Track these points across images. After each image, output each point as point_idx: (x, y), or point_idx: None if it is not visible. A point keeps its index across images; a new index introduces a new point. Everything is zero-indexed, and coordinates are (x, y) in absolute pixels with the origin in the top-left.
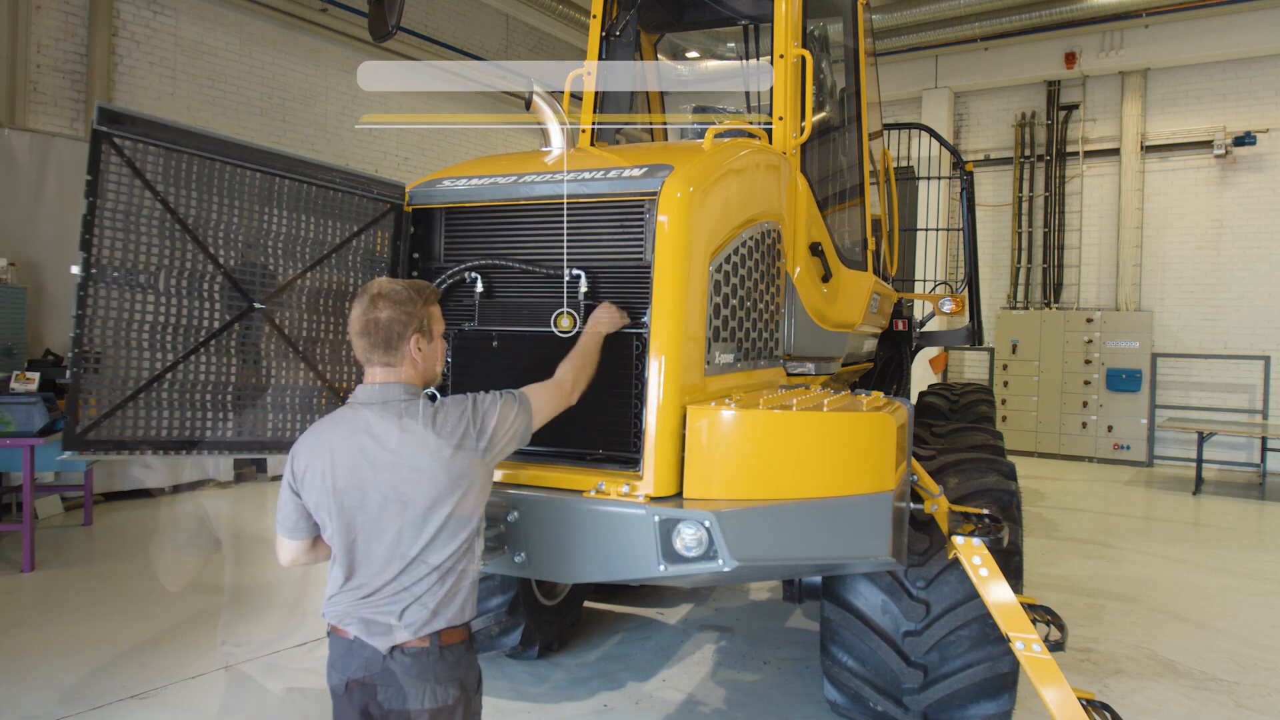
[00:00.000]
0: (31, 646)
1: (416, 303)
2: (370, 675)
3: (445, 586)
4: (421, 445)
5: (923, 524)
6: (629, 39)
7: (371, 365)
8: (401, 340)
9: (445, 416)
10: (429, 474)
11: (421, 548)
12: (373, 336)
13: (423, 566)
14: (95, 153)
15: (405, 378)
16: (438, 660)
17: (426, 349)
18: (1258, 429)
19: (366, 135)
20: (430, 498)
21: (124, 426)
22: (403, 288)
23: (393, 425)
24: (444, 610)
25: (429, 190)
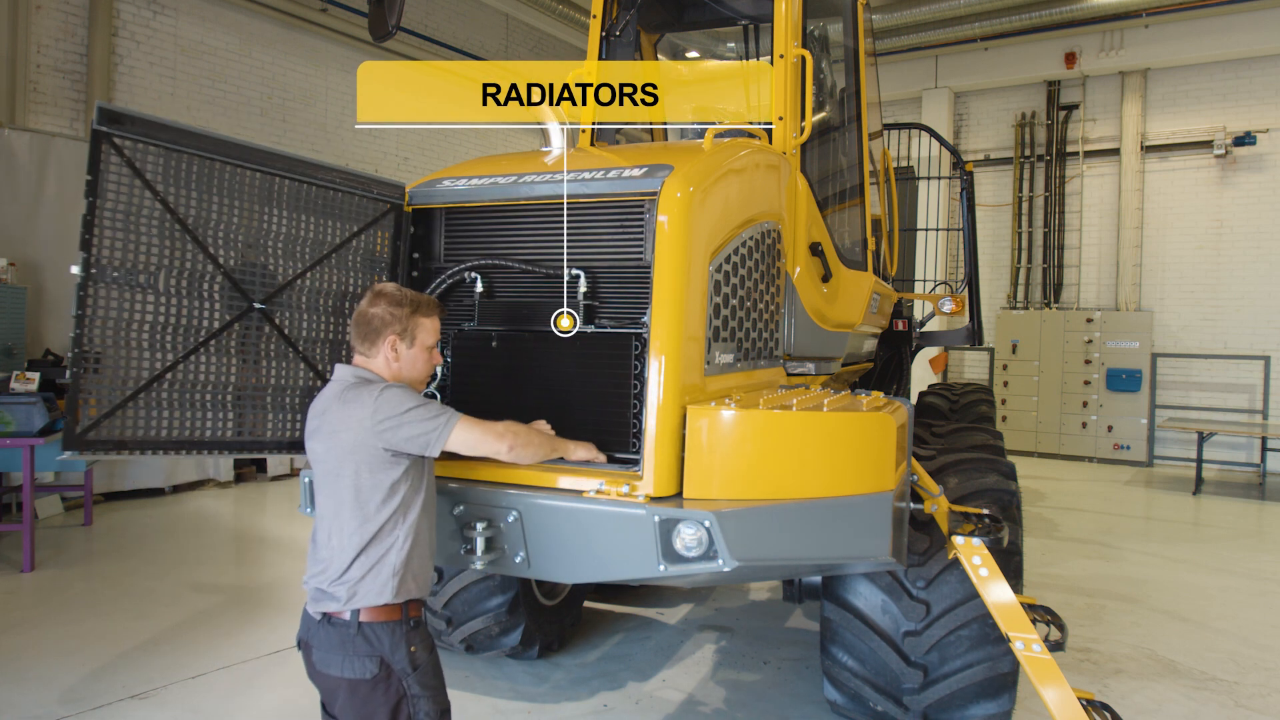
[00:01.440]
0: (31, 646)
1: (405, 307)
2: (310, 635)
3: (365, 564)
4: (337, 415)
5: (923, 524)
6: (629, 39)
7: (355, 354)
8: (379, 336)
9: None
10: (335, 443)
11: (338, 518)
12: (360, 327)
13: (341, 539)
14: (95, 153)
15: (374, 369)
16: (355, 634)
17: (404, 353)
18: (1258, 429)
19: (366, 135)
20: (337, 466)
21: (124, 426)
22: (400, 292)
23: (332, 396)
24: (363, 588)
25: (429, 190)
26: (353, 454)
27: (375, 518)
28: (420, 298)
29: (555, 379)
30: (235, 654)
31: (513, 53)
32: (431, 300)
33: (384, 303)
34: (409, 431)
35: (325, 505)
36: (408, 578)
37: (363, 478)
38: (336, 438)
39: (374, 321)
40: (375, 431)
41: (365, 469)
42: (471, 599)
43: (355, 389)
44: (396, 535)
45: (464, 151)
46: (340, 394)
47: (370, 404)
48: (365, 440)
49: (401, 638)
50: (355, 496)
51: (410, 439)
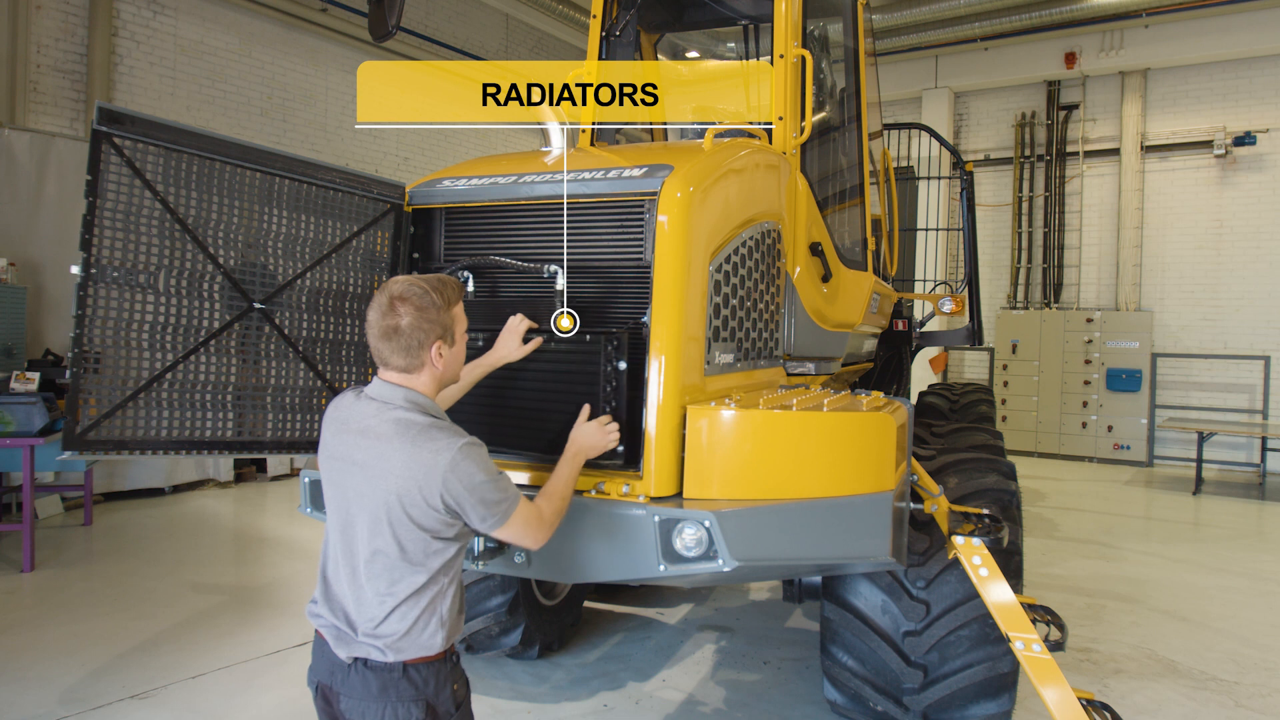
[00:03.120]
0: (31, 646)
1: (440, 308)
2: (335, 682)
3: (412, 614)
4: (394, 460)
5: (923, 524)
6: (629, 39)
7: (388, 369)
8: (423, 349)
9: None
10: (392, 491)
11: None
12: (391, 342)
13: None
14: (95, 153)
15: (420, 385)
16: (400, 678)
17: (448, 354)
18: (1258, 429)
19: (366, 135)
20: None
21: (124, 426)
22: (425, 290)
23: (380, 429)
24: (409, 641)
25: (429, 190)
26: (403, 502)
27: (422, 568)
28: (443, 286)
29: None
30: (235, 654)
31: (513, 53)
32: (454, 282)
33: (411, 310)
34: (481, 503)
35: (348, 541)
36: (449, 622)
37: (407, 529)
38: (384, 478)
39: (410, 334)
40: (444, 490)
41: (413, 521)
42: (471, 599)
43: (419, 428)
44: (442, 583)
45: (464, 151)
46: (397, 428)
47: (448, 455)
48: (426, 493)
49: (446, 677)
50: (397, 545)
51: (477, 509)
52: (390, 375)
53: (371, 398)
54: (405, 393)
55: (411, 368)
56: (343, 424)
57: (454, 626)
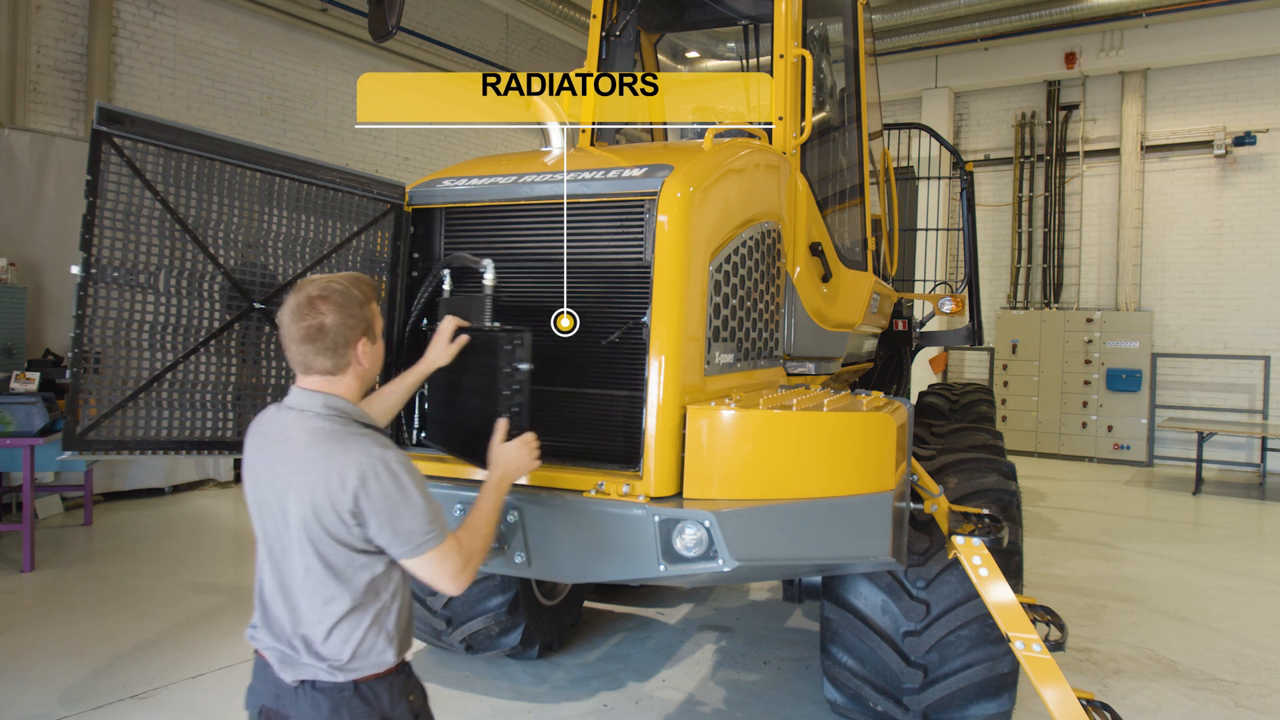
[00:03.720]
0: (31, 646)
1: (362, 303)
2: (282, 704)
3: (348, 633)
4: (313, 471)
5: (923, 524)
6: (629, 39)
7: (310, 373)
8: (349, 347)
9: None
10: (313, 504)
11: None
12: (317, 343)
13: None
14: (95, 153)
15: (343, 389)
16: (353, 696)
17: (372, 351)
18: (1258, 429)
19: (366, 135)
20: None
21: (124, 426)
22: (344, 287)
23: (299, 440)
24: (356, 661)
25: (429, 190)
26: (320, 518)
27: (354, 584)
28: (364, 284)
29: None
30: (235, 654)
31: (513, 53)
32: (367, 279)
33: (333, 308)
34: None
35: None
36: (398, 636)
37: (330, 545)
38: (303, 492)
39: (335, 333)
40: (355, 506)
41: (332, 537)
42: (471, 599)
43: (338, 437)
44: (383, 599)
45: (464, 151)
46: (315, 438)
47: (363, 468)
48: (339, 508)
49: (401, 690)
50: (323, 563)
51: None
52: (311, 381)
53: (290, 407)
54: (324, 398)
55: (337, 369)
56: (264, 438)
57: (404, 639)
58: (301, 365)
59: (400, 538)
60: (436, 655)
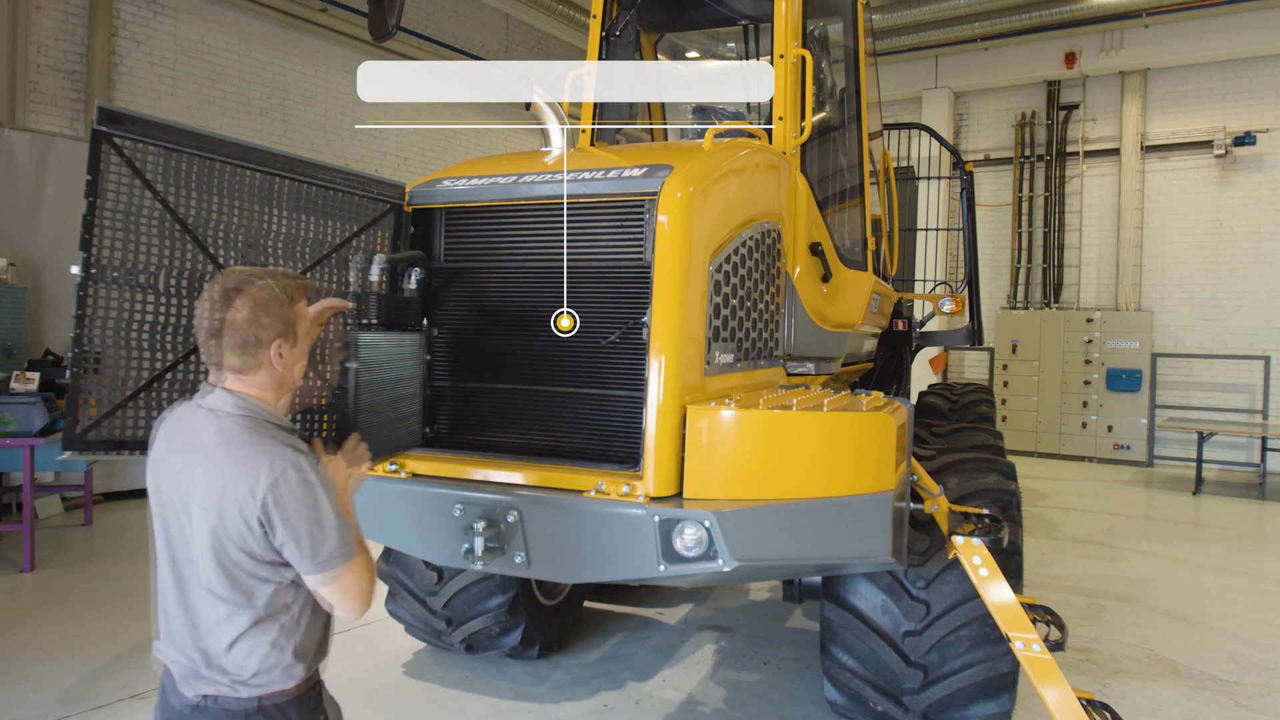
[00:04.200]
0: (31, 646)
1: (282, 302)
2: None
3: (251, 648)
4: (216, 473)
5: (923, 524)
6: (629, 39)
7: (220, 370)
8: (260, 347)
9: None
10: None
11: (219, 590)
12: (228, 338)
13: (216, 616)
14: (95, 153)
15: (255, 388)
16: (255, 713)
17: (289, 354)
18: (1258, 429)
19: (366, 135)
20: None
21: (124, 426)
22: (267, 283)
23: (205, 440)
24: (260, 677)
25: (429, 190)
26: (225, 524)
27: (258, 595)
28: (288, 279)
29: None
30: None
31: (513, 53)
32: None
33: (248, 303)
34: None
35: (185, 567)
36: (310, 652)
37: (235, 554)
38: (209, 496)
39: (247, 330)
40: (263, 513)
41: (236, 545)
42: (471, 599)
43: (250, 439)
44: (291, 613)
45: (464, 152)
46: (225, 440)
47: (266, 480)
48: (246, 514)
49: (310, 712)
50: (224, 572)
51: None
52: (223, 379)
53: (201, 406)
54: (237, 398)
55: (247, 368)
56: (173, 436)
57: (314, 658)
58: (211, 360)
59: (304, 553)
60: (436, 655)
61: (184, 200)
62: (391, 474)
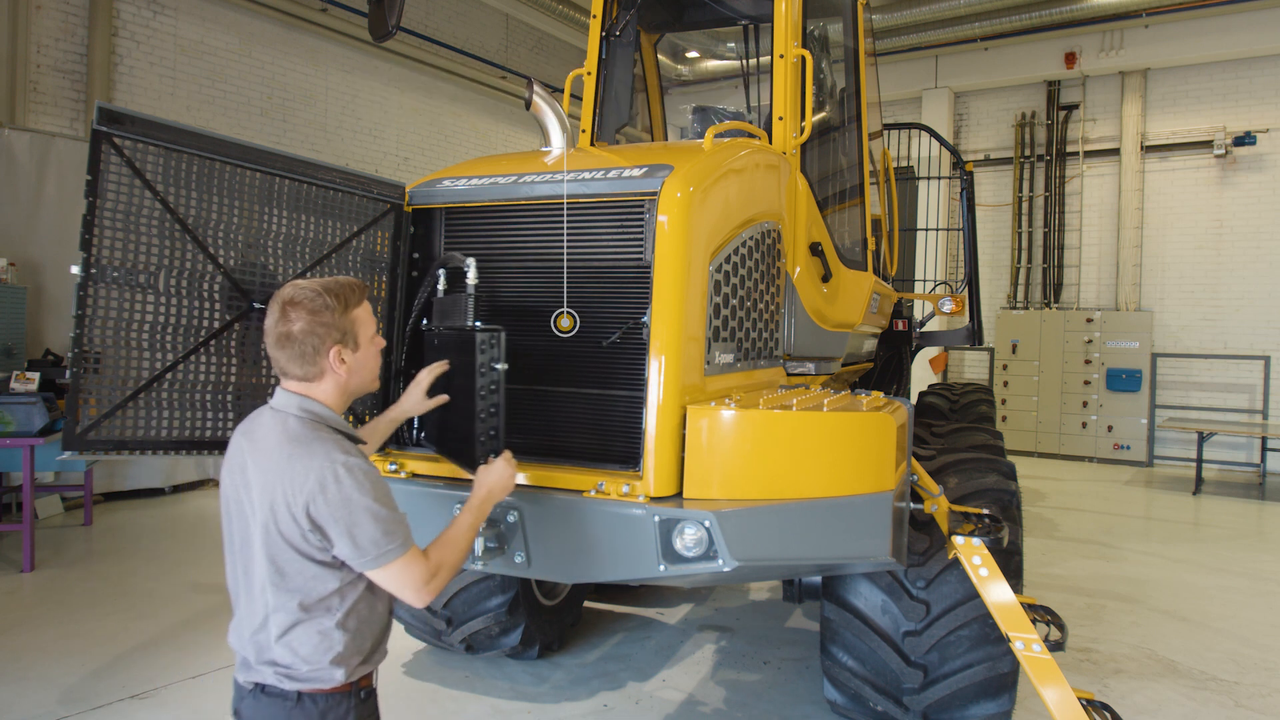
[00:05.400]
0: (31, 646)
1: (335, 310)
2: (242, 705)
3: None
4: (275, 472)
5: (923, 524)
6: (629, 39)
7: (287, 378)
8: (319, 355)
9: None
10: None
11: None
12: (288, 350)
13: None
14: (95, 153)
15: (321, 394)
16: (294, 707)
17: (351, 359)
18: (1258, 429)
19: (366, 135)
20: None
21: (124, 426)
22: (319, 292)
23: (270, 440)
24: (303, 674)
25: (429, 190)
26: (276, 520)
27: (303, 594)
28: (341, 287)
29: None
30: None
31: (513, 53)
32: (354, 283)
33: (304, 314)
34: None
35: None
36: (353, 660)
37: (285, 551)
38: (265, 491)
39: (302, 340)
40: (311, 511)
41: (287, 542)
42: (471, 599)
43: (305, 439)
44: (336, 616)
45: (464, 152)
46: (284, 438)
47: (323, 473)
48: (295, 511)
49: (349, 711)
50: (274, 568)
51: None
52: (291, 385)
53: (272, 408)
54: (301, 400)
55: (310, 376)
56: (244, 435)
57: (360, 664)
58: (280, 370)
59: (359, 549)
60: (436, 655)
61: (184, 200)
62: (392, 474)
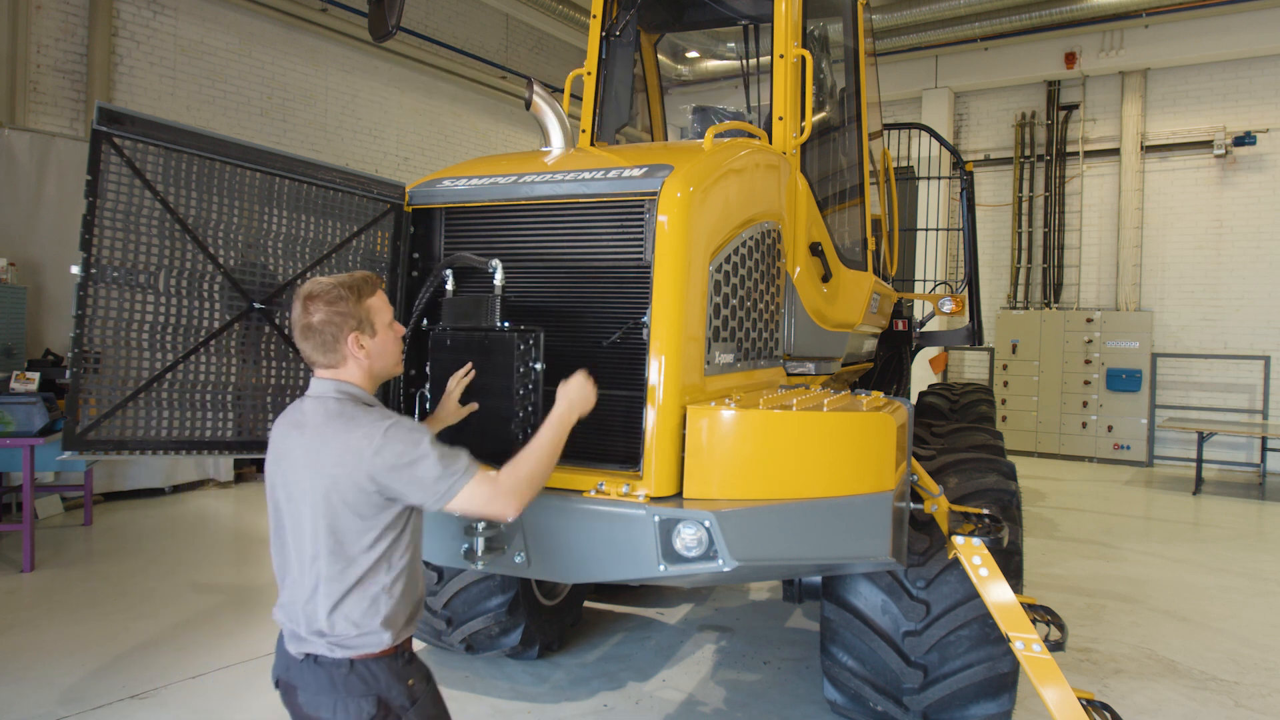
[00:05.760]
0: (31, 646)
1: (349, 300)
2: (291, 676)
3: (348, 613)
4: (328, 447)
5: (923, 524)
6: (629, 39)
7: (316, 367)
8: (337, 342)
9: (358, 425)
10: (331, 478)
11: (326, 555)
12: (310, 340)
13: (328, 577)
14: (95, 153)
15: (347, 377)
16: (349, 674)
17: (370, 344)
18: (1258, 429)
19: (366, 135)
20: (330, 503)
21: (124, 426)
22: (334, 286)
23: (314, 422)
24: (351, 640)
25: (429, 190)
26: (337, 490)
27: (358, 562)
28: (355, 281)
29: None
30: (235, 654)
31: (513, 53)
32: (367, 275)
33: (321, 305)
34: (416, 481)
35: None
36: (399, 622)
37: (344, 518)
38: (319, 468)
39: (322, 330)
40: (372, 472)
41: (349, 509)
42: (471, 599)
43: (349, 414)
44: (384, 581)
45: (464, 151)
46: (328, 418)
47: (373, 438)
48: (356, 478)
49: (398, 673)
50: (333, 537)
51: (413, 487)
52: (322, 373)
53: (309, 395)
54: (336, 384)
55: (335, 362)
56: (287, 425)
57: (404, 625)
58: (308, 360)
59: (426, 489)
60: (436, 655)
61: (184, 200)
62: None
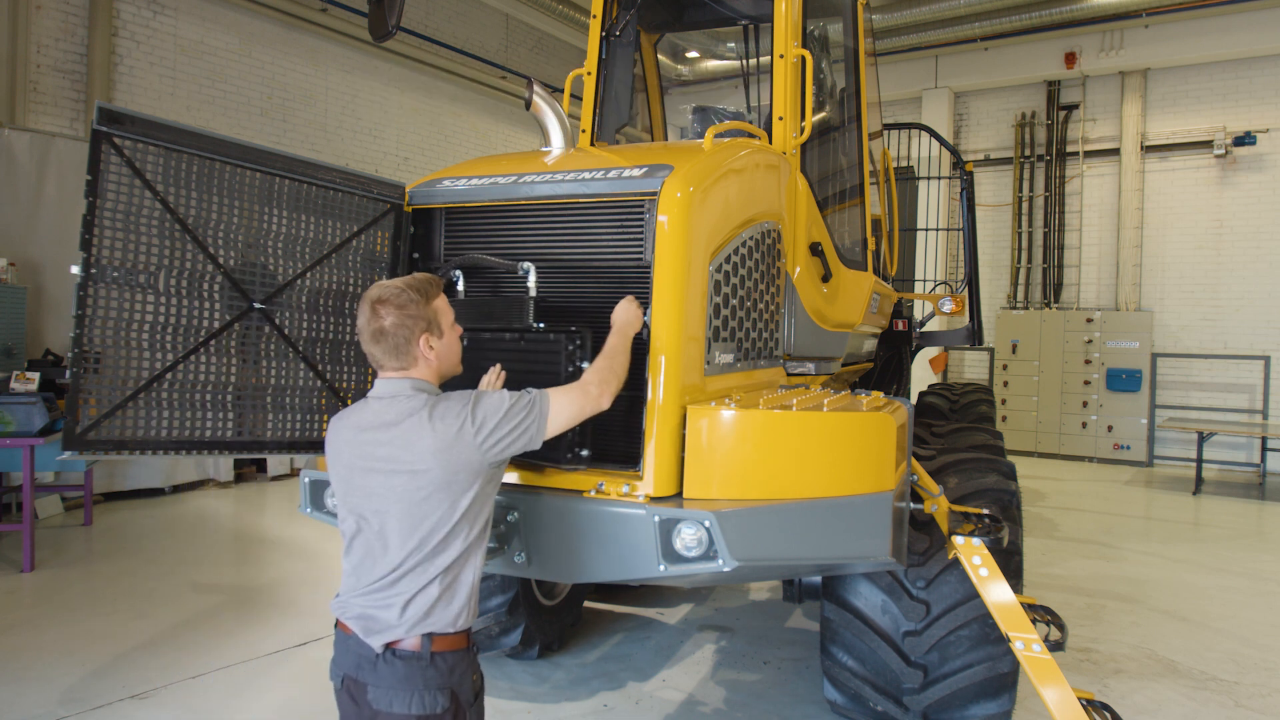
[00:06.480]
0: (31, 646)
1: (419, 303)
2: (362, 673)
3: (440, 589)
4: (418, 440)
5: (923, 524)
6: (629, 39)
7: (385, 370)
8: (410, 344)
9: (445, 411)
10: (424, 470)
11: (415, 546)
12: (382, 344)
13: (417, 566)
14: (95, 153)
15: (418, 375)
16: (428, 666)
17: (439, 345)
18: (1258, 429)
19: (366, 135)
20: (424, 494)
21: (124, 426)
22: (402, 289)
23: (395, 419)
24: (438, 614)
25: (429, 190)
26: (446, 477)
27: (453, 544)
28: (420, 283)
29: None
30: (235, 654)
31: (513, 53)
32: (430, 277)
33: (392, 310)
34: (515, 430)
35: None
36: (473, 602)
37: (443, 503)
38: (407, 462)
39: (395, 333)
40: (481, 446)
41: (448, 494)
42: None
43: (433, 405)
44: (471, 558)
45: (464, 151)
46: (414, 411)
47: (464, 416)
48: (463, 459)
49: (468, 666)
50: (415, 531)
51: (516, 437)
52: (389, 375)
53: (377, 397)
54: (411, 381)
55: (406, 365)
56: (356, 428)
57: (474, 607)
58: (376, 364)
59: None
60: None
61: (184, 200)
62: None
